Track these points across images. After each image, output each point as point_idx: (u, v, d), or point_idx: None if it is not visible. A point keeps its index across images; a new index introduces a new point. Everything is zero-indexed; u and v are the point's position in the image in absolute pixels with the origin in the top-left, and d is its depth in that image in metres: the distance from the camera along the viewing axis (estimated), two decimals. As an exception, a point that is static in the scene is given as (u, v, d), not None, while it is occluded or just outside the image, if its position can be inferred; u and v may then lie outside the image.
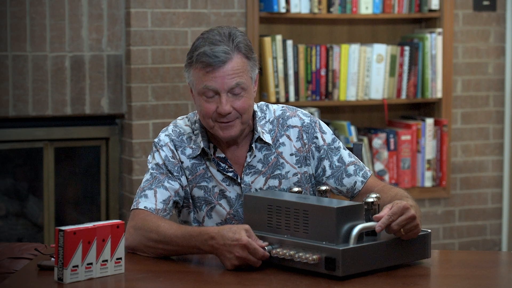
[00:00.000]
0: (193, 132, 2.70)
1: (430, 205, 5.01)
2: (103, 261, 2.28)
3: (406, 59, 4.91)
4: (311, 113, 3.97)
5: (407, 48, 4.91)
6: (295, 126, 2.74)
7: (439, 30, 4.95)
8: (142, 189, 2.66)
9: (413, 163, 4.95)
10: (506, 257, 2.66)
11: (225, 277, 2.33)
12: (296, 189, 2.57)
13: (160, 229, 2.49)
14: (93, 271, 2.26)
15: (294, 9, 4.69)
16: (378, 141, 4.90)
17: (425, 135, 4.96)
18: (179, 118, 2.77)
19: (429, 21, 5.06)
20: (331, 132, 2.77)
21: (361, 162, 2.78)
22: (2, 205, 4.61)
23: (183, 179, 2.68)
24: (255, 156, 2.69)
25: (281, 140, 2.72)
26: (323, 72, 4.76)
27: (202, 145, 2.66)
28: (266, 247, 2.35)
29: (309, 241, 2.30)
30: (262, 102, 2.78)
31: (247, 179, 2.68)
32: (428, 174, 4.98)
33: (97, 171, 4.66)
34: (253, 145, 2.68)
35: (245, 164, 2.68)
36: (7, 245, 2.95)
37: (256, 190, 2.68)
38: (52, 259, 2.36)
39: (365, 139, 4.90)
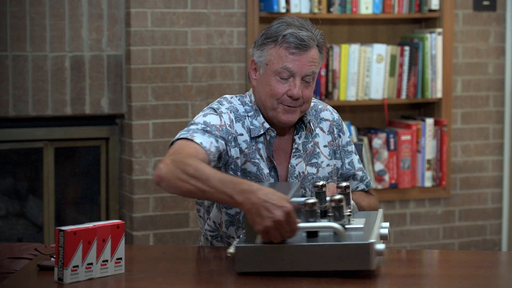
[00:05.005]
0: (246, 112, 2.69)
1: (430, 205, 5.01)
2: (103, 261, 2.28)
3: (406, 59, 4.91)
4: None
5: (407, 48, 4.91)
6: (327, 120, 2.80)
7: (439, 30, 4.95)
8: (194, 130, 2.56)
9: (413, 163, 4.95)
10: (506, 257, 2.66)
11: (225, 277, 2.33)
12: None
13: (199, 166, 2.37)
14: (93, 271, 2.26)
15: (294, 9, 4.68)
16: (378, 141, 4.90)
17: (425, 135, 4.95)
18: (229, 96, 2.74)
19: (429, 21, 5.05)
20: (349, 134, 2.85)
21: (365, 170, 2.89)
22: (2, 205, 4.61)
23: (234, 151, 2.64)
24: (299, 140, 2.73)
25: (316, 131, 2.77)
26: (323, 72, 4.76)
27: (267, 125, 2.66)
28: None
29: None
30: None
31: (293, 161, 2.71)
32: (428, 174, 4.97)
33: (97, 171, 4.66)
34: (301, 129, 2.72)
35: (295, 147, 2.71)
36: (7, 245, 2.95)
37: (299, 173, 2.70)
38: (52, 259, 2.36)
39: (365, 139, 4.90)
